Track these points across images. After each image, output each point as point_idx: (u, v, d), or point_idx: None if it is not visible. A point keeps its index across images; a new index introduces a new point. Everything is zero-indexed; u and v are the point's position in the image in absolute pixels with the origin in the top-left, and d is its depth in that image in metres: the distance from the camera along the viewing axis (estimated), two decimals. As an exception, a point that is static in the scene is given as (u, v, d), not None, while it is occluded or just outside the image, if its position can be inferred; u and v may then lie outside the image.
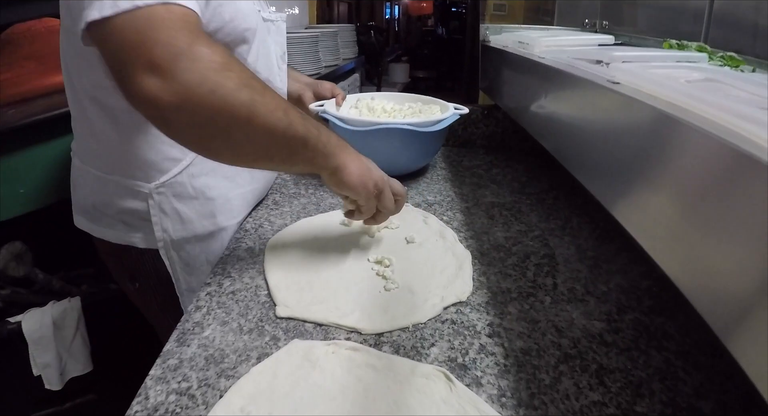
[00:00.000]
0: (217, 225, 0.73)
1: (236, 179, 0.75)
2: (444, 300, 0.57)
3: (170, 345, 0.51)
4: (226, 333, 0.53)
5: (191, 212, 0.70)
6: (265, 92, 0.50)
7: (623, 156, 0.43)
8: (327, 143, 0.56)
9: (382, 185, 0.61)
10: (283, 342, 0.51)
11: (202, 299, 0.59)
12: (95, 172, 0.68)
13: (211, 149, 0.51)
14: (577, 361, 0.50)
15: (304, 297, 0.57)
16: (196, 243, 0.72)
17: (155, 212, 0.68)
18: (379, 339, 0.52)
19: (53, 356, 1.07)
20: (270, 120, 0.49)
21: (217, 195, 0.72)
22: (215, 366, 0.48)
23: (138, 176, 0.66)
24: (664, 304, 0.59)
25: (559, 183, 0.97)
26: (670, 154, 0.35)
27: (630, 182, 0.42)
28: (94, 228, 0.72)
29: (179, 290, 0.74)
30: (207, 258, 0.74)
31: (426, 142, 0.92)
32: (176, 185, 0.68)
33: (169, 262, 0.72)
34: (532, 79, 0.77)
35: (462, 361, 0.49)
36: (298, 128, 0.52)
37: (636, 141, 0.41)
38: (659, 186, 0.37)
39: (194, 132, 0.47)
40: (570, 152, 0.59)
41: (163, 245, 0.70)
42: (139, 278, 0.76)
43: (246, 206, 0.79)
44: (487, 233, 0.76)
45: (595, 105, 0.51)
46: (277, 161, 0.54)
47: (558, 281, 0.63)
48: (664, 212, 0.36)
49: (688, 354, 0.51)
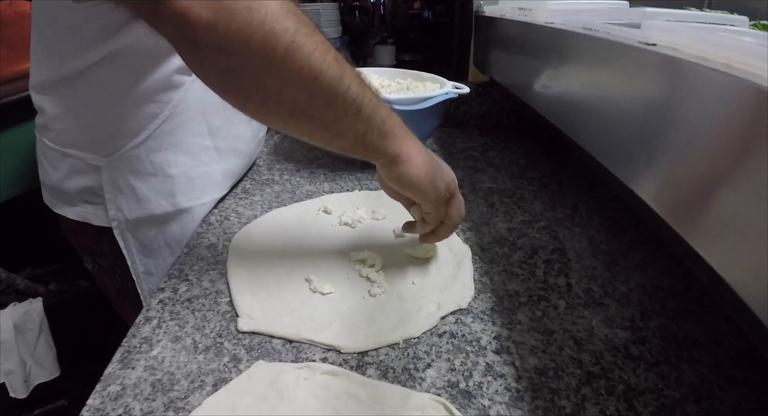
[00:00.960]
0: (177, 206, 0.66)
1: (200, 157, 0.67)
2: (441, 308, 0.48)
3: (112, 367, 0.42)
4: (177, 351, 0.44)
5: (148, 190, 0.64)
6: (316, 31, 0.39)
7: (658, 130, 0.36)
8: (387, 120, 0.45)
9: (455, 187, 0.50)
10: (244, 364, 0.42)
11: (152, 309, 0.49)
12: (53, 146, 0.63)
13: (240, 89, 0.40)
14: (601, 381, 0.41)
15: (271, 306, 0.48)
16: (154, 225, 0.67)
17: (109, 189, 0.63)
18: (363, 360, 0.43)
19: (16, 362, 1.00)
20: (316, 61, 0.38)
21: (178, 173, 0.65)
22: (163, 395, 0.39)
23: (92, 150, 0.61)
24: (689, 306, 0.52)
25: (562, 167, 0.88)
26: (732, 121, 0.28)
27: (665, 159, 0.35)
28: (55, 204, 0.68)
29: (135, 272, 0.69)
30: (166, 241, 0.68)
31: (411, 122, 0.80)
32: (133, 160, 0.62)
33: (124, 242, 0.66)
34: (537, 48, 0.68)
35: (465, 386, 0.40)
36: (352, 85, 0.41)
37: (680, 112, 0.34)
38: (712, 164, 0.30)
39: (223, 60, 0.37)
40: (586, 128, 0.51)
41: (117, 224, 0.65)
42: (96, 258, 0.72)
43: (212, 187, 0.71)
44: (487, 223, 0.67)
45: (623, 72, 0.43)
46: (318, 122, 0.42)
47: (572, 281, 0.55)
48: (715, 196, 0.29)
49: (722, 366, 0.44)
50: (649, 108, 0.38)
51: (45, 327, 1.04)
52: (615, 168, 0.44)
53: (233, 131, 0.71)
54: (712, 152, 0.30)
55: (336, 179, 0.82)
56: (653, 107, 0.37)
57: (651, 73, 0.39)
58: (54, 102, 0.61)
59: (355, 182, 0.80)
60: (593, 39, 0.50)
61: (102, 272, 0.73)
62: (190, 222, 0.68)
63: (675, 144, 0.34)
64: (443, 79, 0.88)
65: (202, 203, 0.69)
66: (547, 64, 0.64)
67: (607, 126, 0.46)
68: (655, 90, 0.38)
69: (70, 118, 0.61)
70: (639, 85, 0.41)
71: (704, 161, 0.31)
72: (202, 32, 0.35)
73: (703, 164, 0.31)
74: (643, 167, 0.39)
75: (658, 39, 0.40)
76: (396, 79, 0.94)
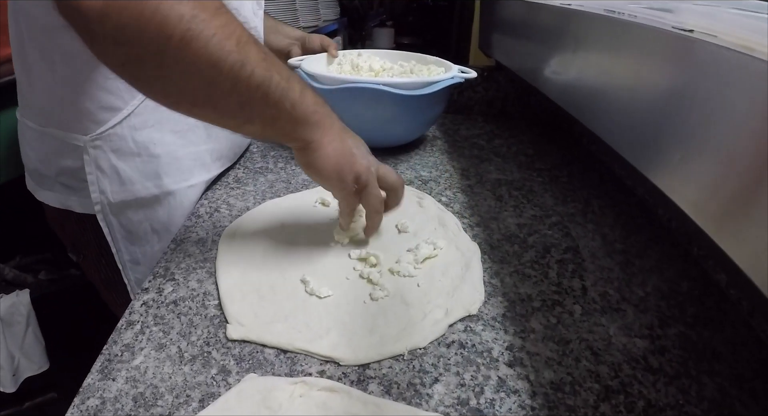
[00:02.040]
0: (162, 188, 0.63)
1: (188, 136, 0.64)
2: (449, 315, 0.44)
3: (92, 378, 0.39)
4: (162, 361, 0.40)
5: (132, 171, 0.61)
6: (218, 14, 0.37)
7: (693, 124, 0.33)
8: (300, 104, 0.43)
9: (367, 179, 0.49)
10: (234, 377, 0.38)
11: (135, 312, 0.45)
12: (33, 126, 0.61)
13: (141, 78, 0.39)
14: (620, 397, 0.38)
15: (263, 311, 0.44)
16: (139, 208, 0.63)
17: (91, 170, 0.59)
18: (364, 373, 0.39)
19: (4, 356, 0.98)
20: (214, 48, 0.37)
21: (163, 152, 0.62)
22: (146, 411, 0.36)
23: (73, 128, 0.58)
24: (708, 313, 0.48)
25: (571, 158, 0.84)
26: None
27: (702, 157, 0.33)
28: (38, 190, 0.65)
29: (121, 261, 0.66)
30: (152, 226, 0.65)
31: (414, 109, 0.77)
32: (115, 139, 0.59)
33: (108, 229, 0.63)
34: (551, 30, 0.64)
35: (477, 404, 0.37)
36: (256, 70, 0.39)
37: (718, 105, 0.31)
38: (754, 162, 0.27)
39: (121, 51, 0.36)
40: (605, 117, 0.48)
41: (100, 208, 0.62)
42: (81, 248, 0.69)
43: (200, 168, 0.67)
44: (495, 218, 0.63)
45: (653, 59, 0.40)
46: (222, 110, 0.41)
47: (587, 283, 0.51)
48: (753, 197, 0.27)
49: (742, 379, 0.41)
50: (682, 99, 0.35)
51: (33, 320, 1.02)
52: (638, 162, 0.41)
53: None
54: (756, 149, 0.27)
55: (334, 168, 0.77)
56: (687, 99, 0.34)
57: (686, 61, 0.35)
58: (35, 78, 0.58)
59: (354, 171, 0.76)
60: (618, 22, 0.46)
61: (87, 262, 0.70)
62: (178, 207, 0.65)
63: (713, 140, 0.31)
64: (448, 63, 0.83)
65: (191, 186, 0.66)
66: (562, 48, 0.60)
67: (632, 117, 0.43)
68: (690, 80, 0.34)
69: (48, 91, 0.58)
70: (671, 73, 0.37)
71: (746, 159, 0.28)
72: (96, 23, 0.34)
73: (743, 163, 0.28)
74: (678, 163, 0.35)
75: (695, 24, 0.37)
76: (399, 62, 0.89)
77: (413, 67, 0.86)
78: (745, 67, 0.28)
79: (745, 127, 0.28)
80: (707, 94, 0.32)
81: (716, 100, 0.31)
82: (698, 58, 0.33)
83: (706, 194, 0.32)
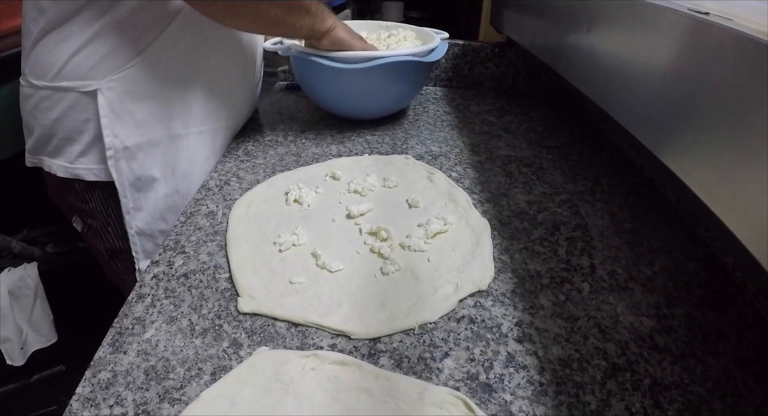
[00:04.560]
0: (171, 131, 0.66)
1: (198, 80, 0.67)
2: (459, 290, 0.44)
3: (103, 351, 0.39)
4: (173, 334, 0.40)
5: (145, 114, 0.63)
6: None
7: (706, 107, 0.34)
8: (323, 9, 0.66)
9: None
10: (246, 350, 0.39)
11: (146, 285, 0.46)
12: (43, 84, 0.61)
13: (238, 16, 0.60)
14: (627, 375, 0.39)
15: (275, 284, 0.44)
16: (149, 151, 0.65)
17: (105, 113, 0.60)
18: (375, 347, 0.39)
19: (12, 329, 0.98)
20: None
21: (176, 96, 0.65)
22: (157, 384, 0.36)
23: (87, 76, 0.59)
24: (715, 294, 0.48)
25: (581, 136, 0.83)
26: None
27: (711, 137, 0.33)
28: (43, 160, 0.66)
29: (126, 209, 0.66)
30: (161, 170, 0.67)
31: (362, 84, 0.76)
32: (130, 81, 0.61)
33: (118, 175, 0.63)
34: (566, 8, 0.62)
35: (485, 379, 0.37)
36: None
37: (733, 89, 0.31)
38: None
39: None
40: (618, 96, 0.48)
41: (113, 154, 0.62)
42: (85, 218, 0.70)
43: (209, 116, 0.69)
44: (506, 195, 0.63)
45: (668, 41, 0.39)
46: (288, 26, 0.65)
47: (595, 261, 0.51)
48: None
49: (747, 362, 0.41)
50: (695, 81, 0.35)
51: (41, 292, 1.02)
52: (649, 142, 0.41)
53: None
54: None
55: (344, 141, 0.77)
56: (700, 81, 0.34)
57: (701, 43, 0.35)
58: (48, 31, 0.58)
59: (364, 144, 0.76)
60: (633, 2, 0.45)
61: (92, 232, 0.70)
62: (184, 151, 0.67)
63: (726, 123, 0.31)
64: (435, 36, 0.82)
65: (200, 132, 0.68)
66: (575, 26, 0.59)
67: (644, 98, 0.43)
68: (704, 62, 0.34)
69: (64, 47, 0.58)
70: (685, 55, 0.37)
71: (758, 142, 0.28)
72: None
73: (755, 146, 0.28)
74: (689, 144, 0.36)
75: (711, 7, 0.37)
76: (375, 33, 0.90)
77: (386, 39, 0.87)
78: (760, 51, 0.28)
79: (758, 110, 0.28)
80: (721, 76, 0.32)
81: (730, 83, 0.31)
82: (713, 41, 0.33)
83: (717, 176, 0.32)
